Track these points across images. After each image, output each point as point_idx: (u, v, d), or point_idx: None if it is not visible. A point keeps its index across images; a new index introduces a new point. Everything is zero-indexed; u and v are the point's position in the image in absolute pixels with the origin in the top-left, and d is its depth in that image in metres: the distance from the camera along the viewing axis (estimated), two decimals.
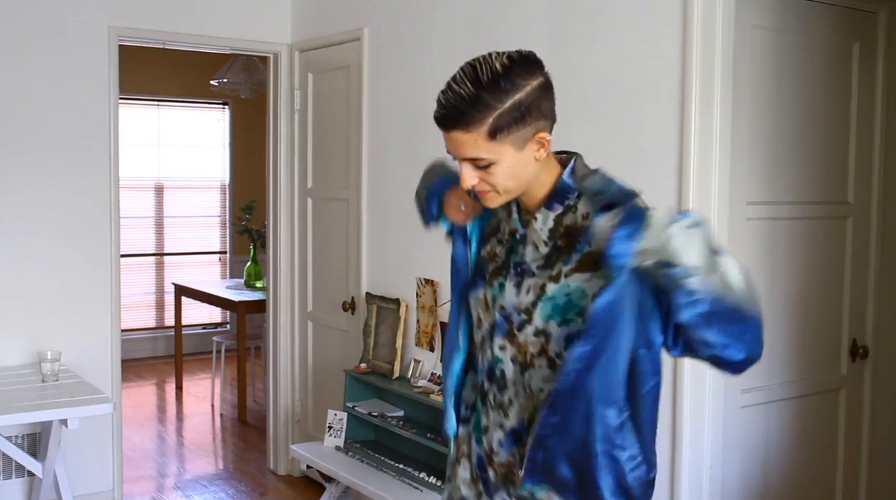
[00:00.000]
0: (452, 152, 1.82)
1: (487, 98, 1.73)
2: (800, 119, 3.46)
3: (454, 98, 1.75)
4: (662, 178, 3.27)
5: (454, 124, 1.76)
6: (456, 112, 1.75)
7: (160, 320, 9.28)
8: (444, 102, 1.77)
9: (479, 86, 1.74)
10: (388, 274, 4.69)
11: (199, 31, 5.24)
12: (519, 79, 1.75)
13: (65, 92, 4.88)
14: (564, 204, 1.87)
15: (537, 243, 1.88)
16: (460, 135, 1.77)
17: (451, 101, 1.75)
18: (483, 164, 1.78)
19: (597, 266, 1.77)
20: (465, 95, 1.74)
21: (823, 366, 3.62)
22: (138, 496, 5.29)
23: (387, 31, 4.69)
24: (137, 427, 6.69)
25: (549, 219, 1.87)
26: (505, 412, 1.94)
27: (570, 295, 1.81)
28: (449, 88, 1.77)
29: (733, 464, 3.33)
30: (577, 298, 1.81)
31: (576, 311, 1.81)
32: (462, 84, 1.75)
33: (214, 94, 8.74)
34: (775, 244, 3.42)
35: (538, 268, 1.87)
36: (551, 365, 1.86)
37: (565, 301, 1.82)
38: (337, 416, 4.51)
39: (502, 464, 1.95)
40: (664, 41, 3.27)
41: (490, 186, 1.82)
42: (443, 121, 1.78)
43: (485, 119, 1.74)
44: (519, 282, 1.90)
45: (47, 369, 4.32)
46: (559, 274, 1.83)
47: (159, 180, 9.18)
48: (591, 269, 1.79)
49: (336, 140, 5.10)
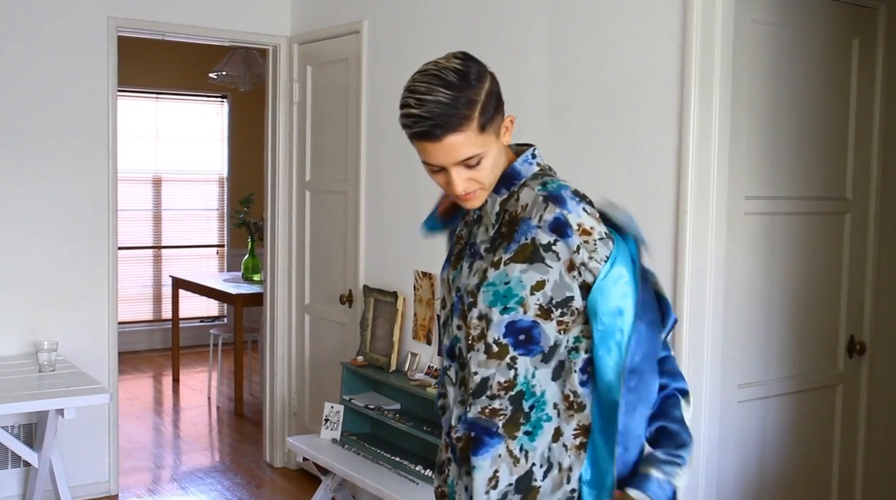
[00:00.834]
0: (441, 162, 1.81)
1: (468, 94, 1.76)
2: (799, 114, 3.46)
3: (436, 106, 1.74)
4: (661, 172, 3.27)
5: (446, 130, 1.75)
6: (444, 117, 1.75)
7: (157, 313, 9.28)
8: (425, 114, 1.75)
9: (452, 87, 1.76)
10: (386, 267, 4.69)
11: (199, 23, 5.23)
12: (479, 72, 1.81)
13: (63, 83, 4.87)
14: (510, 190, 1.91)
15: (488, 226, 1.94)
16: (454, 138, 1.77)
17: (434, 109, 1.74)
18: (474, 161, 1.81)
19: (532, 259, 1.82)
20: (446, 98, 1.75)
21: (821, 362, 3.62)
22: (134, 487, 5.29)
23: (386, 24, 4.68)
24: (134, 419, 6.69)
25: (496, 203, 1.91)
26: (467, 389, 1.95)
27: (509, 283, 1.85)
28: (420, 102, 1.76)
29: (730, 459, 3.32)
30: (516, 287, 1.84)
31: (516, 300, 1.84)
32: (434, 92, 1.75)
33: (213, 87, 8.73)
34: (773, 239, 3.42)
35: (485, 251, 1.92)
36: (487, 351, 1.88)
37: (505, 289, 1.85)
38: (333, 409, 4.51)
39: (459, 439, 1.95)
40: (663, 35, 3.26)
41: (478, 183, 1.85)
42: (432, 132, 1.76)
43: (472, 115, 1.77)
44: (471, 263, 1.95)
45: (44, 360, 4.31)
46: (499, 261, 1.87)
47: (157, 173, 9.17)
48: (527, 261, 1.83)
49: (335, 133, 5.10)
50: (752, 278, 3.36)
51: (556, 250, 1.82)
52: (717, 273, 3.20)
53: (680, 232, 3.19)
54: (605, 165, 3.47)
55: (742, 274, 3.32)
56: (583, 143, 3.57)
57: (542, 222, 1.82)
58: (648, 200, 3.30)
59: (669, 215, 3.23)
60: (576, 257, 1.81)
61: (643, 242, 1.89)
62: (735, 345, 3.30)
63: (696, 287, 3.18)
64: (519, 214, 1.86)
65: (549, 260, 1.83)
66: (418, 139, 1.78)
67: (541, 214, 1.82)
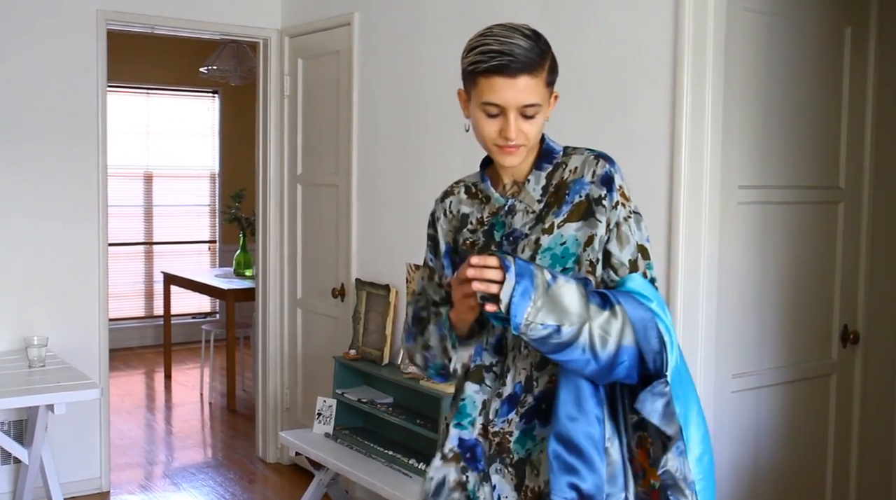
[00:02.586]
0: (507, 102, 1.85)
1: (544, 48, 1.88)
2: (791, 103, 3.44)
3: (516, 47, 1.83)
4: (654, 161, 3.25)
5: (523, 69, 1.83)
6: (524, 57, 1.83)
7: (149, 310, 9.24)
8: (506, 51, 1.82)
9: (529, 39, 1.86)
10: (378, 260, 4.67)
11: (189, 16, 5.20)
12: (545, 39, 1.91)
13: (52, 79, 4.84)
14: (553, 163, 1.98)
15: (529, 206, 1.96)
16: (527, 80, 1.84)
17: (515, 49, 1.83)
18: (532, 112, 1.88)
19: (586, 215, 1.90)
20: (526, 45, 1.84)
21: (814, 351, 3.61)
22: (126, 484, 5.26)
23: (377, 16, 4.66)
24: (126, 416, 6.66)
25: (541, 178, 1.97)
26: (503, 381, 1.96)
27: (566, 243, 1.90)
28: (503, 41, 1.83)
29: (724, 448, 3.31)
30: (573, 246, 1.90)
31: (573, 259, 1.90)
32: (513, 37, 1.84)
33: (204, 82, 8.70)
34: (767, 228, 3.40)
35: (530, 228, 1.94)
36: None
37: (562, 250, 1.90)
38: (326, 403, 4.49)
39: (496, 433, 1.96)
40: (656, 24, 3.25)
41: (525, 138, 1.90)
42: (510, 66, 1.82)
43: (545, 66, 1.87)
44: (514, 248, 1.95)
45: (34, 355, 4.29)
46: (552, 226, 1.92)
47: (148, 169, 9.13)
48: (581, 218, 1.90)
49: (326, 126, 5.07)
50: (745, 268, 3.35)
51: (605, 205, 1.90)
52: (710, 263, 3.18)
53: (673, 222, 3.18)
54: None
55: (735, 263, 3.30)
56: (576, 133, 3.55)
57: (595, 177, 1.92)
58: (641, 190, 3.28)
59: (663, 205, 3.22)
60: (612, 215, 1.90)
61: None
62: (729, 335, 3.29)
63: (689, 277, 3.16)
64: (569, 178, 1.94)
65: (599, 214, 1.90)
66: (492, 73, 1.84)
67: (593, 169, 1.93)
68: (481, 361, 2.00)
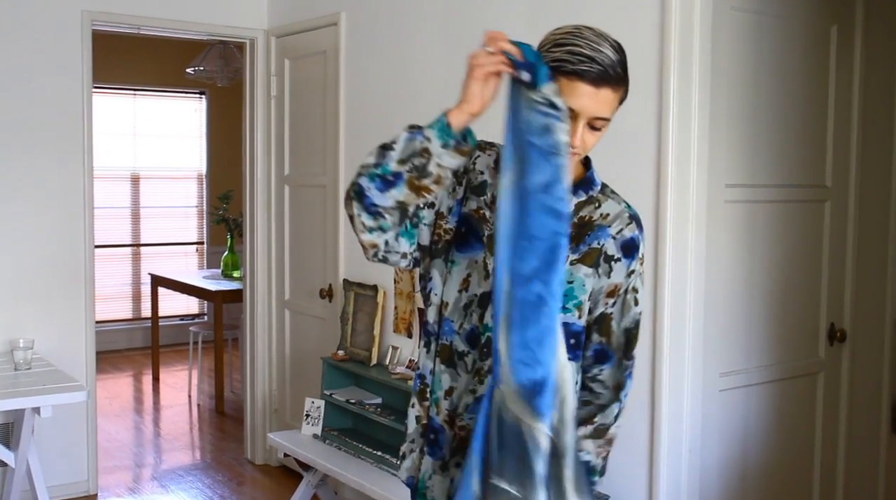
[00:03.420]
0: (583, 109, 1.79)
1: (625, 62, 1.83)
2: (778, 101, 3.45)
3: (607, 59, 1.79)
4: (641, 160, 3.25)
5: (607, 82, 1.79)
6: (613, 71, 1.79)
7: (137, 312, 9.21)
8: (598, 60, 1.78)
9: (618, 51, 1.82)
10: (366, 261, 4.65)
11: (175, 17, 5.18)
12: (626, 54, 1.86)
13: (37, 80, 4.81)
14: (588, 194, 1.94)
15: None
16: (608, 93, 1.80)
17: (606, 61, 1.78)
18: (600, 125, 1.84)
19: (595, 264, 1.88)
20: (615, 56, 1.80)
21: (802, 350, 3.62)
22: (114, 486, 5.24)
23: (364, 16, 4.65)
24: (114, 418, 6.64)
25: (571, 203, 1.88)
26: (480, 379, 1.91)
27: (573, 284, 1.88)
28: (592, 48, 1.78)
29: (712, 447, 3.32)
30: (579, 289, 1.88)
31: (574, 302, 1.88)
32: (604, 46, 1.80)
33: (191, 83, 8.67)
34: (754, 227, 3.41)
35: None
36: None
37: (568, 288, 1.87)
38: (314, 404, 4.48)
39: (462, 427, 1.93)
40: (642, 24, 3.25)
41: (584, 148, 1.86)
42: (600, 77, 1.78)
43: (624, 83, 1.84)
44: None
45: (20, 358, 4.26)
46: (567, 259, 1.83)
47: (136, 170, 9.10)
48: (594, 265, 1.89)
49: (313, 126, 5.06)
50: (732, 266, 3.35)
51: (613, 267, 1.89)
52: (697, 261, 3.19)
53: (660, 221, 3.18)
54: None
55: (723, 262, 3.31)
56: None
57: (619, 236, 1.91)
58: (628, 188, 3.27)
59: (650, 204, 3.21)
60: (624, 283, 1.90)
61: None
62: (716, 333, 3.30)
63: (676, 276, 3.17)
64: (597, 221, 1.91)
65: (601, 271, 1.90)
66: (576, 78, 1.77)
67: (621, 229, 1.91)
68: (453, 345, 1.95)
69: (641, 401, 3.24)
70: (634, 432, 3.27)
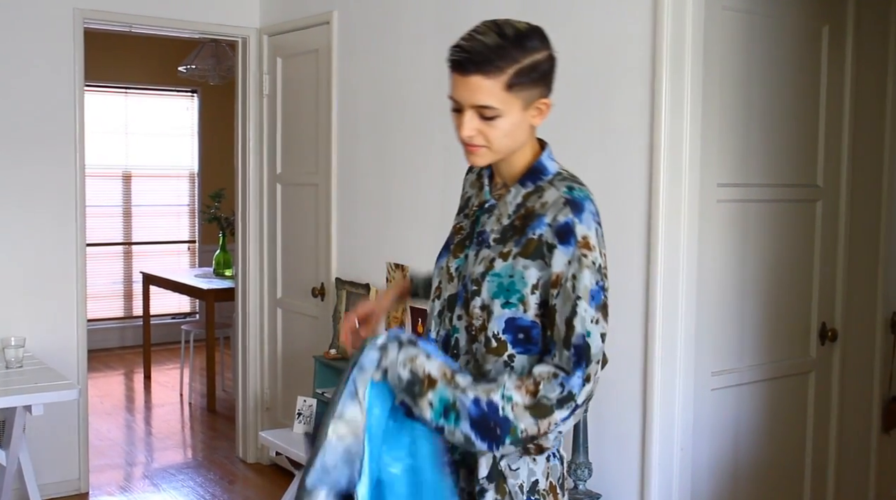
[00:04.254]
0: (460, 99, 1.83)
1: (512, 50, 1.80)
2: (770, 101, 3.46)
3: (479, 45, 1.79)
4: (633, 160, 3.26)
5: (475, 68, 1.79)
6: (480, 57, 1.79)
7: (128, 310, 9.19)
8: (466, 47, 1.80)
9: (505, 38, 1.81)
10: (358, 259, 4.66)
11: (167, 15, 5.17)
12: (539, 43, 1.85)
13: (29, 77, 4.80)
14: (536, 184, 1.90)
15: (502, 216, 1.91)
16: (479, 80, 1.80)
17: (476, 47, 1.79)
18: (489, 114, 1.82)
19: (535, 256, 1.82)
20: (492, 43, 1.79)
21: (793, 349, 3.63)
22: (105, 485, 5.23)
23: (356, 15, 4.65)
24: (105, 417, 6.62)
25: (519, 194, 1.91)
26: None
27: (514, 277, 1.84)
28: (471, 37, 1.81)
29: (704, 446, 3.32)
30: (519, 282, 1.83)
31: (517, 297, 1.83)
32: (487, 34, 1.81)
33: (183, 82, 8.65)
34: (746, 226, 3.42)
35: (494, 241, 1.90)
36: (487, 345, 1.87)
37: (508, 282, 1.84)
38: (306, 403, 4.48)
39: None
40: (635, 22, 3.25)
41: (486, 140, 1.85)
42: (464, 64, 1.80)
43: (506, 69, 1.80)
44: (478, 251, 1.92)
45: (11, 356, 4.25)
46: (509, 253, 1.86)
47: (127, 169, 9.08)
48: (531, 257, 1.83)
49: (305, 125, 5.06)
50: (724, 266, 3.36)
51: (553, 255, 1.81)
52: (689, 261, 3.19)
53: (652, 220, 3.18)
54: (577, 154, 3.45)
55: (714, 261, 3.31)
56: (554, 131, 3.54)
57: (554, 222, 1.82)
58: (620, 188, 3.29)
59: (642, 203, 3.22)
60: (565, 271, 1.79)
61: None
62: (708, 333, 3.30)
63: (668, 275, 3.17)
64: (537, 210, 1.86)
65: (546, 260, 1.82)
66: (451, 69, 1.83)
67: (555, 215, 1.82)
68: None
69: (633, 400, 3.25)
70: (626, 430, 3.28)
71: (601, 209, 1.90)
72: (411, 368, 1.77)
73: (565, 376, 1.76)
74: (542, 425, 1.75)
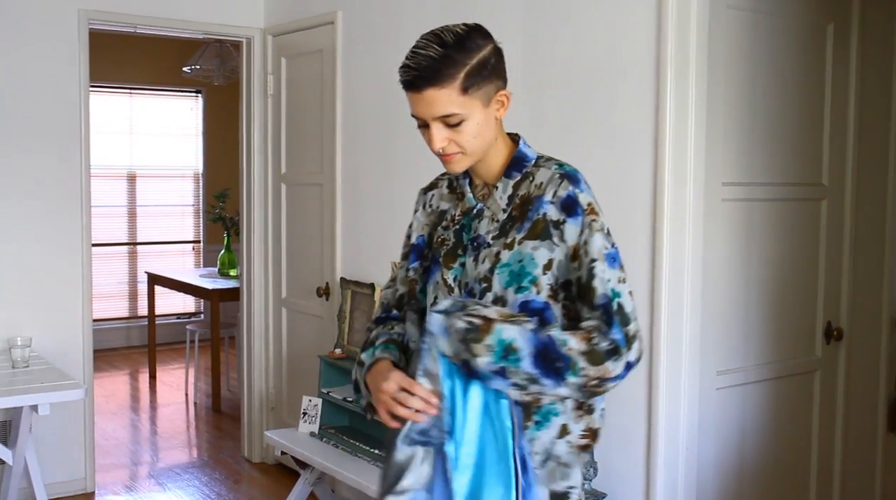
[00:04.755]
0: (422, 115, 1.88)
1: (456, 56, 1.84)
2: (775, 100, 3.45)
3: (424, 59, 1.84)
4: (637, 159, 3.26)
5: (427, 82, 1.84)
6: (429, 71, 1.83)
7: (133, 310, 9.21)
8: (413, 65, 1.85)
9: (446, 46, 1.85)
10: (363, 259, 4.67)
11: (171, 16, 5.18)
12: (479, 40, 1.89)
13: (34, 79, 4.81)
14: (523, 172, 1.95)
15: (495, 214, 1.95)
16: (434, 92, 1.84)
17: (422, 62, 1.84)
18: (454, 121, 1.86)
19: (543, 236, 1.86)
20: (436, 55, 1.84)
21: (798, 348, 3.63)
22: (111, 484, 5.24)
23: (360, 15, 4.65)
24: (111, 417, 6.64)
25: (508, 187, 1.96)
26: None
27: (523, 261, 1.87)
28: (415, 54, 1.86)
29: (709, 446, 3.32)
30: (529, 264, 1.87)
31: (529, 278, 1.87)
32: (429, 48, 1.85)
33: (187, 82, 8.66)
34: (750, 226, 3.41)
35: (493, 239, 1.93)
36: None
37: (519, 268, 1.87)
38: (311, 402, 4.48)
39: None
40: (639, 22, 3.25)
41: (458, 146, 1.89)
42: (415, 82, 1.84)
43: (457, 74, 1.84)
44: (476, 255, 1.94)
45: (17, 356, 4.26)
46: (513, 242, 1.90)
47: (132, 169, 9.10)
48: (539, 237, 1.87)
49: (310, 125, 5.06)
50: (729, 265, 3.35)
51: (563, 230, 1.86)
52: (694, 260, 3.19)
53: (657, 219, 3.18)
54: (582, 153, 3.45)
55: (720, 261, 3.31)
56: (559, 130, 3.55)
57: (556, 198, 1.87)
58: (625, 187, 3.29)
59: (646, 202, 3.22)
60: (580, 239, 1.85)
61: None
62: (713, 332, 3.30)
63: (673, 274, 3.17)
64: (533, 193, 1.91)
65: (556, 238, 1.86)
66: (405, 89, 1.87)
67: (555, 190, 1.88)
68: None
69: (638, 399, 3.25)
70: (631, 430, 3.28)
71: (605, 208, 1.92)
72: (467, 314, 1.81)
73: (608, 329, 1.81)
74: (598, 371, 1.78)
